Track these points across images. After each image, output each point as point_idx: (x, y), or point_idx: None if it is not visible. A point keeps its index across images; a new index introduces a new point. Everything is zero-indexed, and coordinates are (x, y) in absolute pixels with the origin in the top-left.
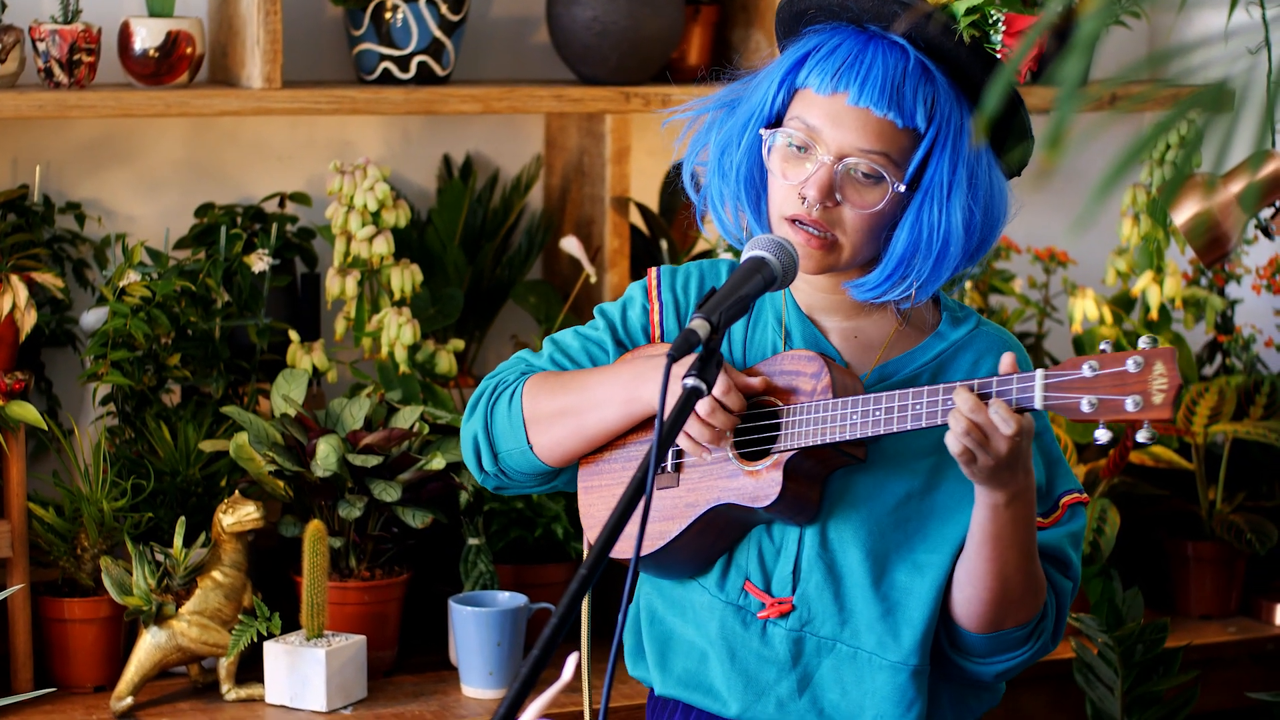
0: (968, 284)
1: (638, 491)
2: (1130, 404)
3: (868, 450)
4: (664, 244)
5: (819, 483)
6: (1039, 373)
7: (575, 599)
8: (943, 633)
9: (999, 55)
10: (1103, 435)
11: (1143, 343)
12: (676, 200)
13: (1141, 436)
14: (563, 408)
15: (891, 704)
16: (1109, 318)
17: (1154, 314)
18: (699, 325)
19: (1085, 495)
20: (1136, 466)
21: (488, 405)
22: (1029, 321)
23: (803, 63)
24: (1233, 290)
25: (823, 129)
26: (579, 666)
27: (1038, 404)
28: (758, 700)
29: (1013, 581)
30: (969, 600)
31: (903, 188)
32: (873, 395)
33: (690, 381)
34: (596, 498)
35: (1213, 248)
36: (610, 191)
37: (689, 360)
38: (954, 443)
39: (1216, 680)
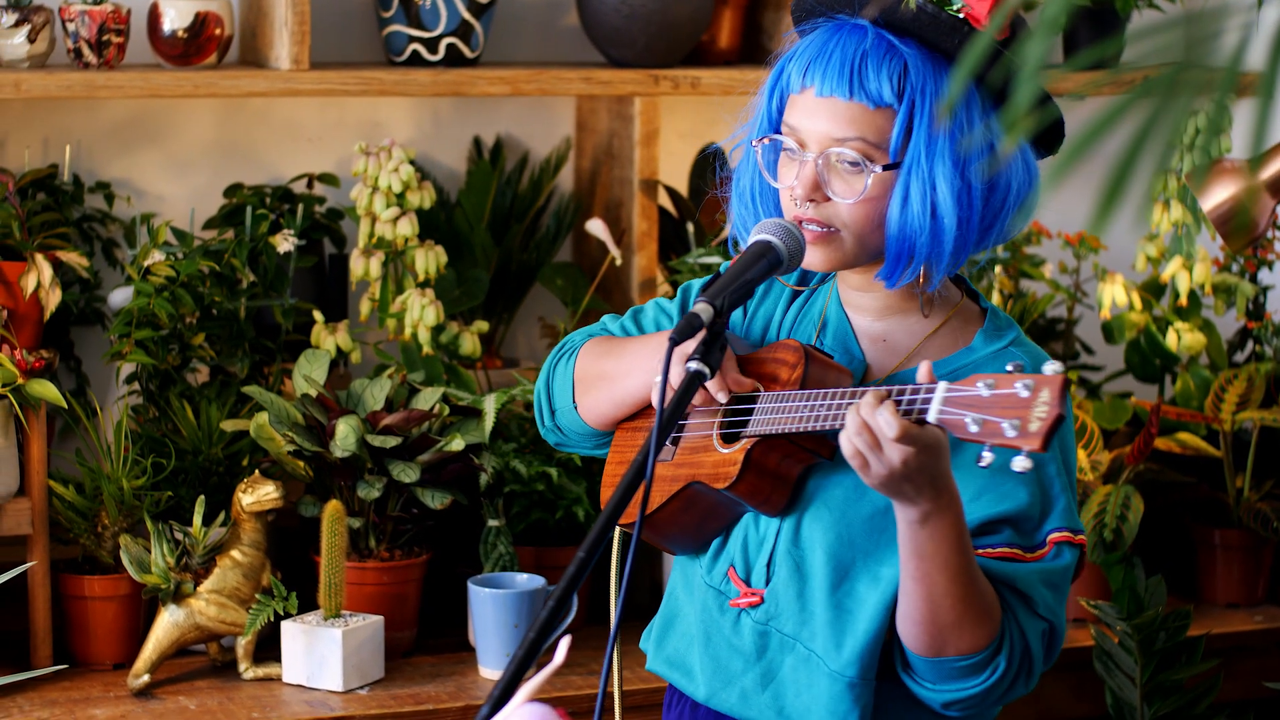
0: (997, 269)
1: (638, 475)
2: (1008, 428)
3: (837, 453)
4: (691, 227)
5: (787, 477)
6: (942, 385)
7: (573, 582)
8: (896, 650)
9: (963, 17)
10: (987, 457)
11: (1046, 368)
12: (705, 183)
13: (1017, 465)
14: (602, 372)
15: (828, 712)
16: (1139, 303)
17: (1184, 300)
18: (702, 309)
19: (1081, 537)
20: (1163, 453)
21: (553, 363)
22: (1059, 307)
23: (784, 67)
24: (1264, 276)
25: (801, 126)
26: (580, 648)
27: (931, 416)
28: (724, 688)
29: (942, 605)
30: (903, 618)
31: (879, 169)
32: (821, 391)
33: (694, 365)
34: (618, 463)
35: (1242, 234)
36: (639, 174)
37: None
38: (845, 444)
39: (1241, 669)
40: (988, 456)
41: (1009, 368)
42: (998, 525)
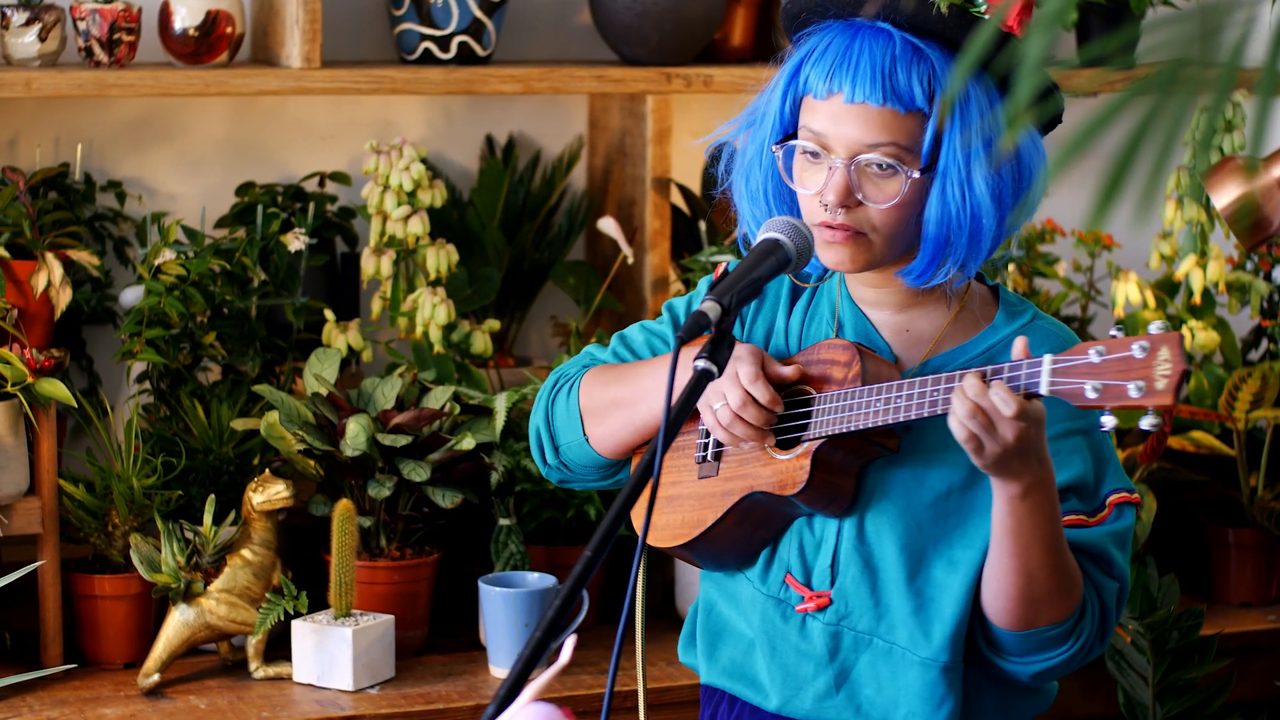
0: (1011, 267)
1: (644, 475)
2: (1133, 389)
3: (905, 443)
4: (703, 225)
5: (851, 474)
6: (1047, 358)
7: (579, 581)
8: (979, 631)
9: (986, 16)
10: (1108, 421)
11: (1152, 328)
12: (717, 182)
13: (1145, 424)
14: (615, 399)
15: (921, 701)
16: (1152, 302)
17: (1197, 298)
18: (710, 307)
19: (1135, 495)
20: (1176, 452)
21: (549, 398)
22: (1073, 305)
23: (799, 70)
24: (1278, 274)
25: (828, 132)
26: (607, 648)
27: (1043, 389)
28: (796, 694)
29: (1038, 577)
30: (996, 596)
31: (916, 174)
32: (897, 383)
33: (700, 364)
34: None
35: (1255, 231)
36: (651, 172)
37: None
38: (958, 428)
39: (1254, 669)
40: (1109, 421)
41: (1113, 333)
42: (1061, 494)
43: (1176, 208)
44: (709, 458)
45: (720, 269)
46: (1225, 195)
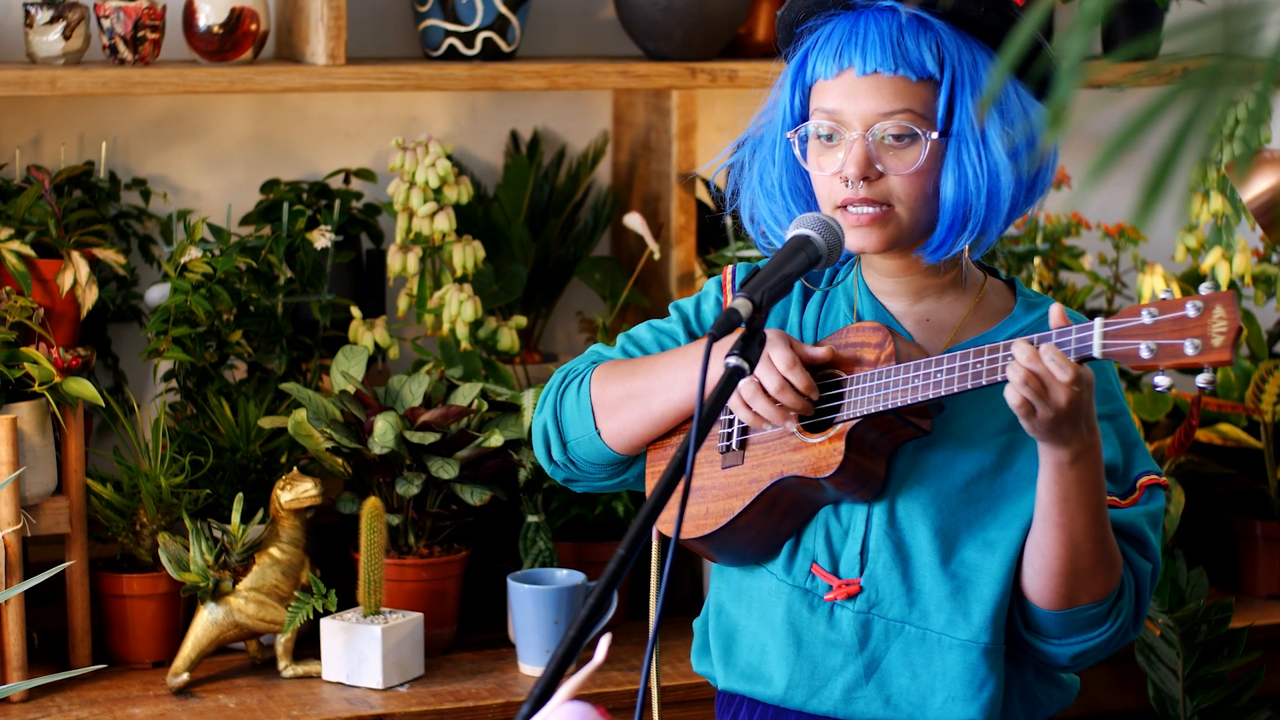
0: (1037, 260)
1: (677, 471)
2: (1189, 347)
3: (936, 426)
4: (729, 220)
5: (884, 456)
6: (1097, 321)
7: (613, 579)
8: (1016, 613)
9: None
10: (1162, 381)
11: (1203, 288)
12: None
13: (1201, 381)
14: (630, 392)
15: (962, 684)
16: (1178, 294)
17: (1224, 290)
18: (741, 304)
19: (1164, 478)
20: (1204, 445)
21: (557, 395)
22: (1099, 298)
23: (805, 60)
24: None
25: (842, 109)
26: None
27: (1096, 352)
28: (823, 687)
29: (1082, 549)
30: (1039, 572)
31: (935, 135)
32: (934, 358)
33: (732, 360)
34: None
35: None
36: (676, 167)
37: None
38: (1012, 394)
39: None
40: (1163, 381)
41: (1163, 295)
42: None
43: (1203, 201)
44: (734, 447)
45: (728, 270)
46: (1252, 188)
